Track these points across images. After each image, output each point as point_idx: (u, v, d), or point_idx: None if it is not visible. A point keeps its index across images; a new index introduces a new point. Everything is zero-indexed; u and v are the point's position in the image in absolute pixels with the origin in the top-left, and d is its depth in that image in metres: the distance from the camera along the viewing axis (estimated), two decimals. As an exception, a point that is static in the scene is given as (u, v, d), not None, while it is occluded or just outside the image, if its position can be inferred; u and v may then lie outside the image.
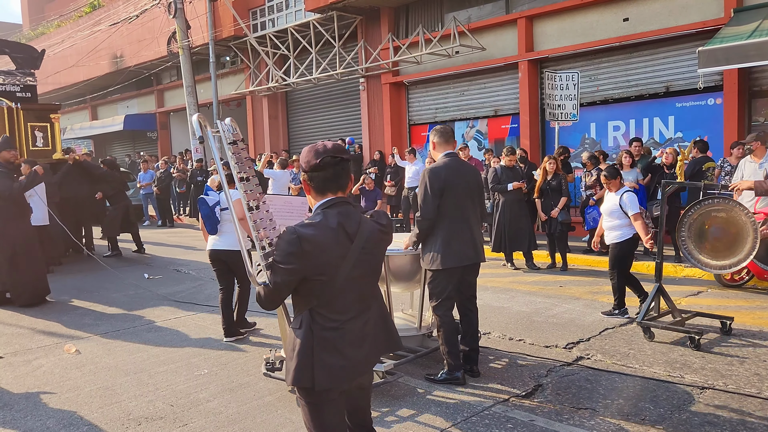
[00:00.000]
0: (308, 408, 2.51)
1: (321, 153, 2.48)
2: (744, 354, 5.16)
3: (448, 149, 4.83)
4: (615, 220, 6.40)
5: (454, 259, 4.64)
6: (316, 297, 2.44)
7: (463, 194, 4.72)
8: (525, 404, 4.27)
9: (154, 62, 21.61)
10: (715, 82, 10.50)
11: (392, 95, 15.64)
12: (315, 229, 2.41)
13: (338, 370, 2.45)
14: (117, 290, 8.61)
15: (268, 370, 4.83)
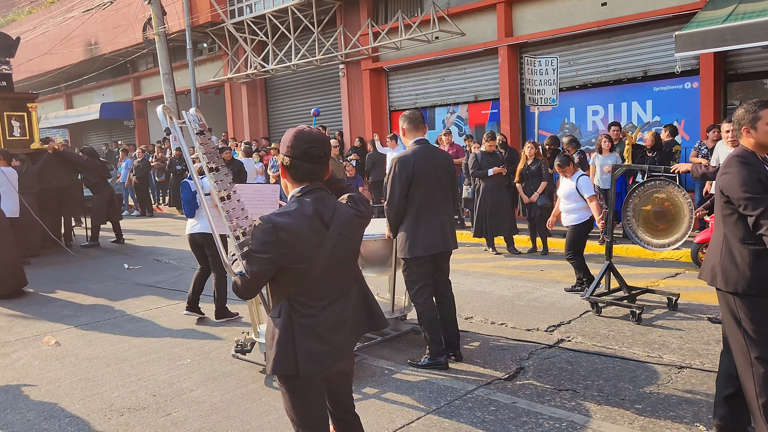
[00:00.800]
0: (289, 395, 2.51)
1: (308, 143, 2.44)
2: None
3: (418, 135, 4.74)
4: (572, 203, 6.67)
5: (421, 248, 4.63)
6: (294, 285, 2.43)
7: (432, 182, 4.66)
8: (507, 387, 4.32)
9: (129, 49, 21.25)
10: (692, 66, 10.60)
11: (372, 81, 15.57)
12: (290, 217, 2.39)
13: (319, 355, 2.44)
14: (96, 281, 8.52)
15: (237, 352, 4.94)
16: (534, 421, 3.75)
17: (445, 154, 5.01)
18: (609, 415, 3.80)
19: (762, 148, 3.22)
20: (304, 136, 2.46)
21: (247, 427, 3.88)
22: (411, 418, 3.88)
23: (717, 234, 3.33)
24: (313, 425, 2.55)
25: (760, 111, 3.19)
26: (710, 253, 3.35)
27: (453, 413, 3.92)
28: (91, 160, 11.31)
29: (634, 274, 7.49)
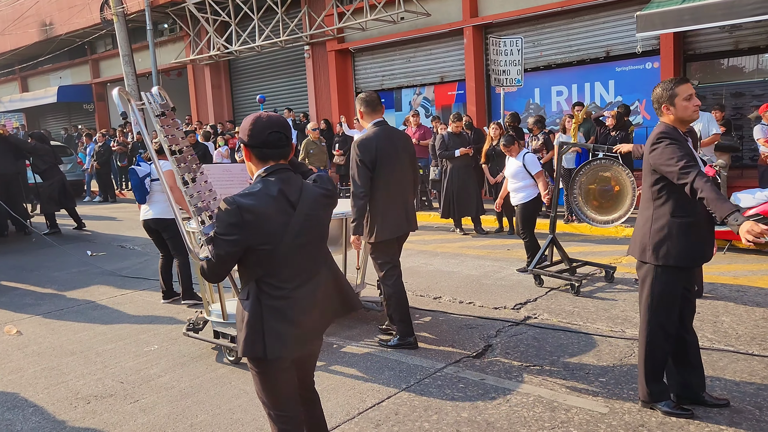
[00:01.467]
0: (259, 378, 2.52)
1: (267, 128, 2.44)
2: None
3: (376, 117, 4.65)
4: (519, 182, 6.77)
5: (390, 230, 4.63)
6: (262, 267, 2.42)
7: (395, 163, 4.62)
8: (476, 364, 4.39)
9: (87, 30, 20.63)
10: (653, 47, 10.78)
11: (338, 63, 15.44)
12: (255, 198, 2.36)
13: (289, 338, 2.45)
14: (58, 269, 8.34)
15: (187, 330, 5.01)
16: (502, 397, 3.82)
17: (405, 135, 4.99)
18: (574, 389, 3.89)
19: (682, 123, 3.37)
20: (263, 122, 2.45)
21: (217, 411, 3.87)
22: (381, 397, 3.92)
23: (645, 211, 3.45)
24: (283, 407, 2.56)
25: (676, 87, 3.34)
26: (638, 229, 3.49)
27: (423, 391, 3.97)
28: (41, 146, 10.93)
29: (599, 252, 7.65)
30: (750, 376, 3.96)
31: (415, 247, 8.61)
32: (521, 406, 3.70)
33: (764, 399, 3.63)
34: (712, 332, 4.75)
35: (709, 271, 6.50)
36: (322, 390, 4.05)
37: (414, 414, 3.67)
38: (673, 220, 3.31)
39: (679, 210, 3.28)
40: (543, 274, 6.31)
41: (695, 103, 3.36)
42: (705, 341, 4.57)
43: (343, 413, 3.73)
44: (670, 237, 3.31)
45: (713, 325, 4.90)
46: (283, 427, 2.57)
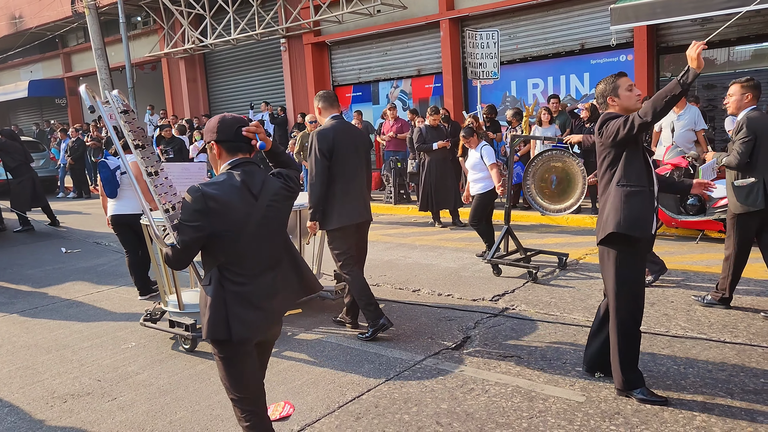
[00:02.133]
0: (223, 362, 2.60)
1: (234, 125, 2.61)
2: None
3: (333, 112, 4.89)
4: (477, 173, 6.96)
5: (348, 217, 4.78)
6: (224, 254, 2.53)
7: (351, 154, 4.83)
8: (455, 356, 4.42)
9: (58, 23, 20.25)
10: (627, 39, 10.90)
11: (315, 56, 15.36)
12: (219, 187, 2.49)
13: (253, 320, 2.56)
14: (32, 266, 8.21)
15: (144, 320, 5.15)
16: (481, 388, 3.86)
17: (361, 131, 5.23)
18: (552, 379, 3.95)
19: (627, 112, 3.51)
20: (230, 120, 2.64)
21: (196, 408, 3.85)
22: (361, 390, 3.93)
23: (602, 196, 3.62)
24: (247, 390, 2.65)
25: (617, 80, 3.58)
26: (600, 214, 3.64)
27: (403, 383, 3.99)
28: (10, 143, 10.71)
29: (574, 243, 7.74)
30: (722, 363, 4.05)
31: (394, 240, 8.63)
32: (500, 396, 3.74)
33: (735, 385, 3.71)
34: (685, 320, 4.85)
35: (682, 260, 6.62)
36: (302, 384, 4.06)
37: (394, 406, 3.69)
38: (617, 188, 3.49)
39: (622, 179, 3.48)
40: (500, 263, 6.49)
41: (636, 92, 3.57)
42: (678, 329, 4.66)
43: (324, 407, 3.74)
44: (618, 205, 3.48)
45: (686, 314, 5.00)
46: (247, 408, 2.67)
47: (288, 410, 3.70)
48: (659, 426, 3.28)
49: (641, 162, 3.50)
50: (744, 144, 4.76)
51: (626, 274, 3.53)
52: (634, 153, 3.49)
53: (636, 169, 3.47)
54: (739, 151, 4.78)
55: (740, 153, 4.77)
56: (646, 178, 3.49)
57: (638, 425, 3.30)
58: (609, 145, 3.50)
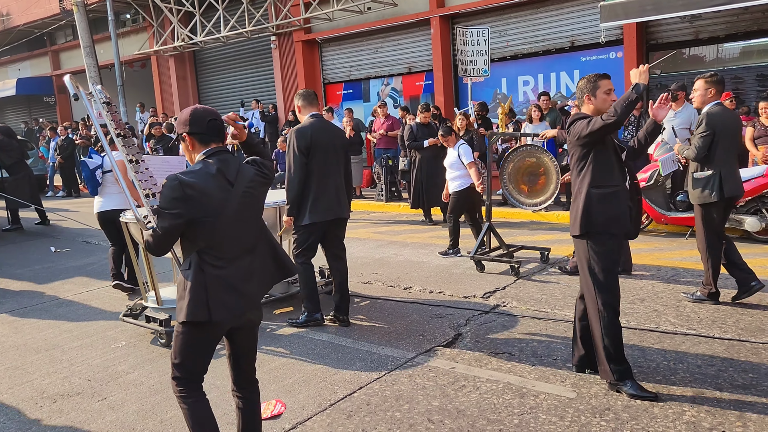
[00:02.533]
0: (185, 339, 2.68)
1: (205, 117, 2.71)
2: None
3: (312, 111, 5.02)
4: (456, 171, 7.15)
5: (319, 214, 4.91)
6: (203, 239, 2.62)
7: (329, 153, 4.94)
8: (446, 353, 4.43)
9: (46, 20, 20.07)
10: (616, 37, 10.94)
11: (305, 53, 15.32)
12: (195, 175, 2.60)
13: (232, 304, 2.65)
14: (21, 266, 8.15)
15: (124, 315, 5.30)
16: (472, 385, 3.87)
17: (339, 129, 5.38)
18: (543, 375, 3.96)
19: (598, 114, 3.62)
20: (201, 112, 2.72)
21: (187, 407, 3.83)
22: (353, 388, 3.93)
23: (574, 189, 3.74)
24: (195, 369, 2.76)
25: (599, 81, 3.69)
26: (571, 208, 3.74)
27: (394, 381, 4.00)
28: (7, 140, 10.65)
29: (565, 240, 7.77)
30: (711, 358, 4.08)
31: (385, 238, 8.63)
32: (491, 393, 3.75)
33: (724, 380, 3.74)
34: (675, 316, 4.88)
35: (672, 257, 6.66)
36: (294, 382, 4.06)
37: (385, 404, 3.69)
38: (591, 190, 3.61)
39: (595, 181, 3.60)
40: (483, 259, 6.62)
41: (612, 98, 3.68)
42: (668, 325, 4.69)
43: (315, 405, 3.73)
44: (591, 207, 3.59)
45: (676, 310, 5.03)
46: (189, 387, 2.76)
47: (279, 408, 3.70)
48: (649, 421, 3.30)
49: (611, 160, 3.63)
50: (702, 138, 4.97)
51: (602, 265, 3.62)
52: (602, 152, 3.61)
53: (606, 169, 3.60)
54: (697, 145, 5.00)
55: (698, 147, 4.99)
56: (616, 176, 3.62)
57: (628, 420, 3.32)
58: (576, 144, 3.65)
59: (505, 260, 6.50)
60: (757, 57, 10.10)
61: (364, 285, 6.37)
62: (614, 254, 3.66)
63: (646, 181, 7.55)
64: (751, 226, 7.03)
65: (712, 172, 4.96)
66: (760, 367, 3.90)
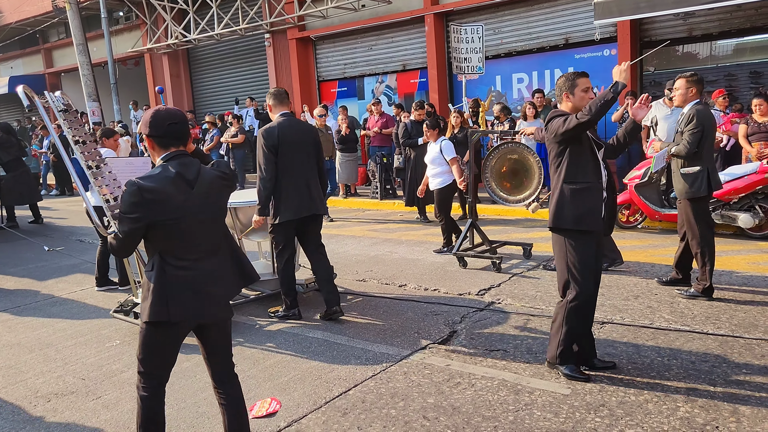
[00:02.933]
0: (147, 340, 2.76)
1: (167, 120, 2.74)
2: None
3: (283, 110, 5.10)
4: (437, 167, 7.15)
5: (292, 212, 5.00)
6: (164, 241, 2.70)
7: (297, 151, 5.01)
8: (441, 350, 4.43)
9: (38, 18, 19.98)
10: (610, 34, 10.96)
11: (299, 51, 15.29)
12: (154, 179, 2.65)
13: (192, 304, 2.71)
14: (15, 264, 8.11)
15: (115, 311, 5.43)
16: (467, 382, 3.88)
17: (310, 127, 5.44)
18: (537, 372, 3.97)
19: (576, 112, 3.71)
20: (162, 115, 2.76)
21: (182, 405, 3.83)
22: (348, 385, 3.93)
23: (552, 184, 3.85)
24: (159, 367, 2.84)
25: (577, 79, 3.78)
26: (549, 203, 3.85)
27: (389, 378, 4.00)
28: (6, 137, 10.61)
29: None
30: (705, 354, 4.10)
31: (380, 236, 8.63)
32: (486, 390, 3.76)
33: (718, 376, 3.76)
34: (668, 313, 4.90)
35: (666, 253, 6.68)
36: (289, 380, 4.05)
37: (381, 401, 3.69)
38: (565, 185, 3.73)
39: (569, 177, 3.72)
40: (466, 256, 6.68)
41: (590, 96, 3.77)
42: (662, 321, 4.71)
43: (310, 402, 3.73)
44: (564, 202, 3.72)
45: (670, 306, 5.05)
46: (149, 383, 2.84)
47: (275, 406, 3.70)
48: (643, 417, 3.32)
49: (586, 158, 3.72)
50: (693, 135, 5.05)
51: (576, 259, 3.73)
52: (577, 150, 3.71)
53: (581, 166, 3.71)
54: (689, 141, 5.07)
55: (689, 143, 5.06)
56: (591, 173, 3.71)
57: (623, 417, 3.33)
58: (552, 141, 3.75)
59: (487, 256, 6.55)
60: (750, 54, 10.14)
61: (359, 282, 6.37)
62: (588, 248, 3.74)
63: (640, 178, 7.57)
64: (745, 223, 7.06)
65: (700, 168, 5.06)
66: (754, 362, 3.92)
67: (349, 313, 5.38)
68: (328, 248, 5.70)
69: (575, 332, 3.80)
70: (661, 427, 3.21)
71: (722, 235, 7.45)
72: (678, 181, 5.22)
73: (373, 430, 3.38)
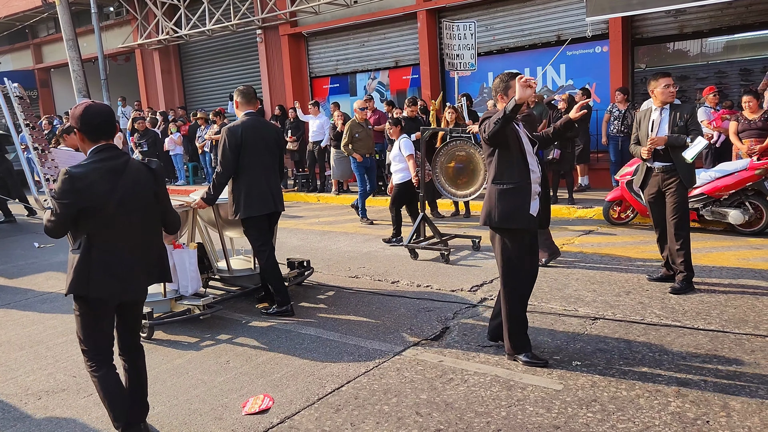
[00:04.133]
0: (81, 317, 3.07)
1: (97, 117, 2.99)
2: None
3: (249, 109, 5.23)
4: (398, 163, 7.52)
5: (255, 208, 5.13)
6: (92, 226, 2.96)
7: (260, 150, 5.15)
8: (434, 346, 4.44)
9: (27, 13, 19.79)
10: (602, 31, 10.98)
11: (291, 47, 15.24)
12: (84, 168, 2.93)
13: (110, 285, 2.99)
14: (4, 261, 8.05)
15: None
16: (460, 378, 3.88)
17: (274, 127, 5.59)
18: (530, 368, 3.98)
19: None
20: (93, 112, 3.00)
21: (174, 402, 3.82)
22: (341, 382, 3.93)
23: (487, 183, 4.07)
24: (96, 343, 3.11)
25: (511, 81, 3.90)
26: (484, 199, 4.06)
27: (382, 375, 4.00)
28: None
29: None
30: (696, 349, 4.12)
31: (373, 232, 8.62)
32: (479, 386, 3.76)
33: (709, 371, 3.78)
34: (660, 308, 4.92)
35: (657, 249, 6.71)
36: (282, 377, 4.05)
37: (374, 398, 3.70)
38: (492, 185, 3.96)
39: (497, 177, 3.93)
40: (416, 247, 7.02)
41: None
42: (653, 317, 4.73)
43: (303, 399, 3.73)
44: (492, 201, 3.94)
45: (661, 302, 5.08)
46: (94, 358, 3.11)
47: (267, 403, 3.69)
48: (635, 412, 3.33)
49: (514, 159, 3.87)
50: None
51: (509, 254, 3.95)
52: (505, 151, 3.87)
53: (508, 167, 3.88)
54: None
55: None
56: (518, 173, 3.87)
57: (614, 412, 3.35)
58: (483, 141, 3.95)
59: (436, 248, 6.88)
60: (741, 51, 10.19)
61: (352, 279, 6.37)
62: (519, 244, 3.95)
63: (632, 174, 7.60)
64: (735, 219, 7.10)
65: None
66: (744, 358, 3.95)
67: (341, 309, 5.38)
68: (321, 245, 5.72)
69: (520, 321, 4.03)
70: (653, 421, 3.23)
71: (712, 231, 7.50)
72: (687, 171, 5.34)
73: (366, 426, 3.38)
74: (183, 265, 5.18)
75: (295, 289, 6.00)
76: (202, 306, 5.15)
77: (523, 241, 3.97)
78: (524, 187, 3.88)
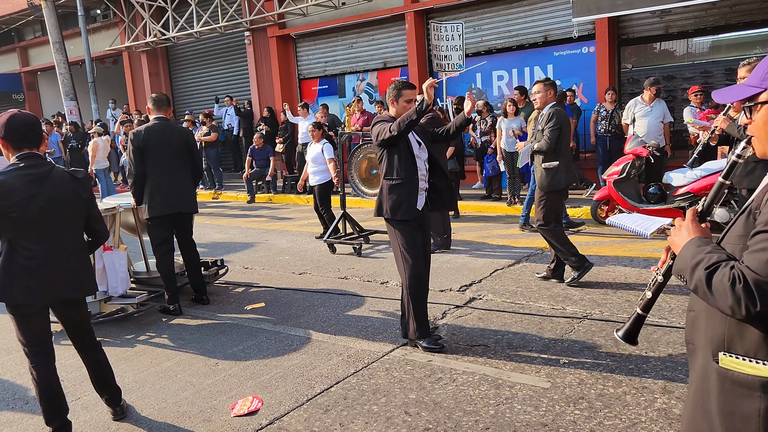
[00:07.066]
0: (16, 321, 3.21)
1: (22, 126, 3.10)
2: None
3: (159, 114, 5.55)
4: (317, 166, 8.02)
5: (158, 209, 5.41)
6: (14, 231, 3.06)
7: (166, 153, 5.42)
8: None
9: (12, 16, 19.67)
10: (589, 31, 11.05)
11: (280, 49, 15.22)
12: (5, 175, 3.04)
13: (34, 289, 3.11)
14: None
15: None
16: (448, 377, 3.90)
17: (183, 130, 6.00)
18: (518, 366, 4.01)
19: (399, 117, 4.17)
20: (18, 121, 3.10)
21: (163, 405, 3.81)
22: (330, 383, 3.94)
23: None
24: (34, 342, 3.25)
25: (403, 90, 4.30)
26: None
27: (371, 375, 4.01)
28: None
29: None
30: (681, 346, 4.15)
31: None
32: (467, 385, 3.78)
33: (694, 367, 3.82)
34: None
35: (644, 248, 6.77)
36: (271, 378, 4.04)
37: (363, 398, 3.70)
38: (384, 182, 4.27)
39: (386, 173, 4.27)
40: (335, 242, 7.51)
41: (411, 106, 4.22)
42: (640, 315, 4.76)
43: (292, 400, 3.73)
44: (383, 196, 4.27)
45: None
46: (35, 359, 3.25)
47: (256, 404, 3.69)
48: (622, 409, 3.36)
49: (399, 156, 4.19)
50: (552, 132, 5.47)
51: (402, 243, 4.23)
52: (393, 151, 4.21)
53: (393, 164, 4.21)
54: (549, 137, 5.48)
55: (549, 139, 5.47)
56: (405, 170, 4.19)
57: (601, 409, 3.38)
58: (375, 143, 4.26)
59: (348, 243, 7.39)
60: (726, 51, 10.29)
61: (341, 280, 6.38)
62: (410, 233, 4.23)
63: (619, 174, 7.66)
64: (721, 217, 7.16)
65: (559, 162, 5.50)
66: (729, 354, 3.98)
67: (331, 310, 5.39)
68: (311, 246, 5.71)
69: (420, 307, 4.26)
70: (639, 418, 3.26)
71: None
72: (539, 174, 5.62)
73: (356, 426, 3.39)
74: (112, 267, 5.35)
75: (292, 293, 5.99)
76: (136, 304, 5.46)
77: (414, 231, 4.26)
78: (412, 183, 4.21)
